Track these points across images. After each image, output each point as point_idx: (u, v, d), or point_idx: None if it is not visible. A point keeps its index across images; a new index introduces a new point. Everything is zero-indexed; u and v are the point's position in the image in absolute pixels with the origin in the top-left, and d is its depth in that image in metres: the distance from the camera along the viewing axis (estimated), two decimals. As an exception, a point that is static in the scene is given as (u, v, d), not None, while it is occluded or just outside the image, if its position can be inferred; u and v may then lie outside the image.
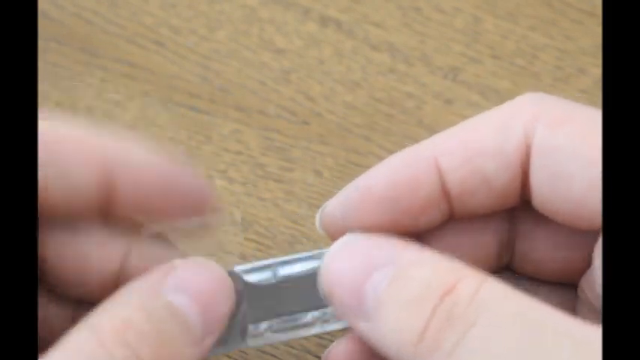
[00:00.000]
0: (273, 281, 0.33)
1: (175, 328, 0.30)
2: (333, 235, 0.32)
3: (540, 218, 0.32)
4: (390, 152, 0.42)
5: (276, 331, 0.33)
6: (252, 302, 0.32)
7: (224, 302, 0.31)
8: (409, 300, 0.28)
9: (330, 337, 0.38)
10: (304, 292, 0.32)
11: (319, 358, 0.38)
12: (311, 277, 0.32)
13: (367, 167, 0.42)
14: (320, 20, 0.46)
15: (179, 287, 0.30)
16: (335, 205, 0.32)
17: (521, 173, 0.31)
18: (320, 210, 0.33)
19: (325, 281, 0.31)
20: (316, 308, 0.32)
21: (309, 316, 0.33)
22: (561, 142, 0.30)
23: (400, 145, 0.43)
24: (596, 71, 0.44)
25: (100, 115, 0.43)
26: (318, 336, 0.38)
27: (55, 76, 0.44)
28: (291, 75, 0.44)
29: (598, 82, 0.44)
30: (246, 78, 0.44)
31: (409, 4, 0.46)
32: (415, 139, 0.43)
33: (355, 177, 0.42)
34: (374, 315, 0.29)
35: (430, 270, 0.29)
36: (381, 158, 0.42)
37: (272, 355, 0.38)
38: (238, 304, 0.32)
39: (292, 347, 0.38)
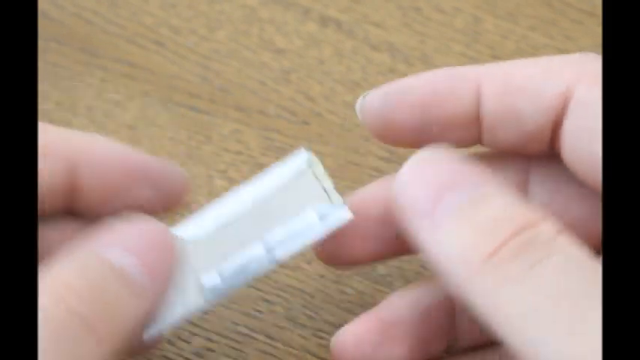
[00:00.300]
0: (212, 229, 0.32)
1: (112, 282, 0.30)
2: (370, 125, 0.33)
3: (556, 181, 0.32)
4: (390, 152, 0.42)
5: (228, 277, 0.32)
6: (198, 257, 0.32)
7: (164, 253, 0.31)
8: (486, 224, 0.28)
9: (329, 337, 0.38)
10: (245, 230, 0.32)
11: (319, 358, 0.38)
12: (247, 213, 0.32)
13: (367, 167, 0.42)
14: (320, 20, 0.46)
15: (114, 243, 0.30)
16: (375, 97, 0.33)
17: (555, 120, 0.31)
18: (361, 98, 0.33)
19: (400, 187, 0.30)
20: (261, 241, 0.32)
21: (257, 251, 0.32)
22: (598, 100, 0.30)
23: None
24: (596, 71, 0.44)
25: (100, 115, 0.43)
26: (318, 336, 0.38)
27: (55, 76, 0.44)
28: (291, 75, 0.44)
29: (598, 82, 0.44)
30: (246, 78, 0.44)
31: (409, 4, 0.46)
32: (415, 139, 0.43)
33: (355, 177, 0.42)
34: (443, 223, 0.29)
35: (508, 202, 0.29)
36: (381, 158, 0.43)
37: (272, 355, 0.38)
38: (187, 263, 0.32)
39: (292, 347, 0.38)
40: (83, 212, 0.32)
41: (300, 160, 0.33)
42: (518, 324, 0.27)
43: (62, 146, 0.32)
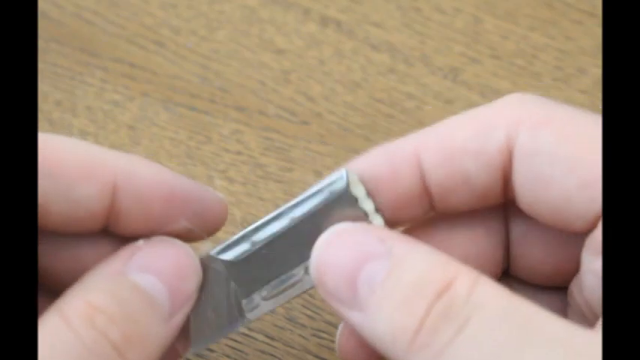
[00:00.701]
0: (251, 251, 0.32)
1: (142, 308, 0.30)
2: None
3: (531, 221, 0.32)
4: (390, 152, 0.42)
5: (269, 298, 0.32)
6: (239, 278, 0.32)
7: (190, 278, 0.31)
8: (405, 296, 0.28)
9: (330, 338, 0.38)
10: (284, 251, 0.32)
11: (319, 358, 0.38)
12: (286, 234, 0.32)
13: (367, 167, 0.42)
14: (320, 20, 0.46)
15: (143, 267, 0.30)
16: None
17: (503, 174, 0.31)
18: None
19: (316, 270, 0.30)
20: (301, 263, 0.32)
21: (297, 272, 0.32)
22: (541, 146, 0.30)
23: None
24: (596, 71, 0.44)
25: (100, 115, 0.43)
26: (318, 336, 0.38)
27: (55, 76, 0.44)
28: (291, 75, 0.44)
29: (598, 82, 0.44)
30: (246, 78, 0.44)
31: (409, 5, 0.46)
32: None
33: (355, 177, 0.42)
34: (368, 307, 0.29)
35: (426, 265, 0.29)
36: (381, 158, 0.43)
37: (272, 355, 0.38)
38: (227, 284, 0.32)
39: (292, 347, 0.38)
40: (121, 234, 0.32)
41: (340, 181, 0.32)
42: None
43: (105, 167, 0.31)
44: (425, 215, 0.32)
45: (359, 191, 0.32)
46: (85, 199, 0.31)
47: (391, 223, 0.32)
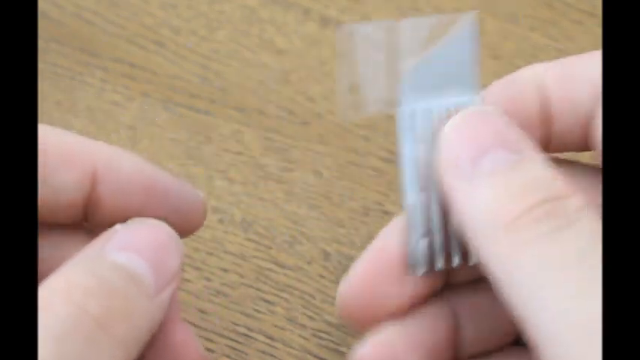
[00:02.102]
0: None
1: (123, 283, 0.29)
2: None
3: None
4: (390, 152, 0.42)
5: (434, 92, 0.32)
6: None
7: (172, 255, 0.31)
8: (523, 186, 0.29)
9: (330, 338, 0.38)
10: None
11: (319, 358, 0.38)
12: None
13: (367, 167, 0.42)
14: (320, 20, 0.46)
15: (122, 246, 0.30)
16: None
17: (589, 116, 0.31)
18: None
19: (451, 129, 0.30)
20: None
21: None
22: None
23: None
24: (597, 72, 0.44)
25: (100, 115, 0.43)
26: (318, 336, 0.38)
27: (55, 76, 0.44)
28: (291, 75, 0.44)
29: (598, 82, 0.44)
30: (246, 78, 0.44)
31: (409, 5, 0.46)
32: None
33: (355, 177, 0.42)
34: (480, 183, 0.29)
35: (552, 175, 0.29)
36: (381, 158, 0.42)
37: (272, 356, 0.38)
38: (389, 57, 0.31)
39: (292, 348, 0.38)
40: (99, 225, 0.32)
41: (467, 22, 0.32)
42: (527, 287, 0.27)
43: (86, 157, 0.31)
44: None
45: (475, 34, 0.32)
46: (64, 186, 0.31)
47: None
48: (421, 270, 0.31)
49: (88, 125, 0.43)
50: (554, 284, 0.27)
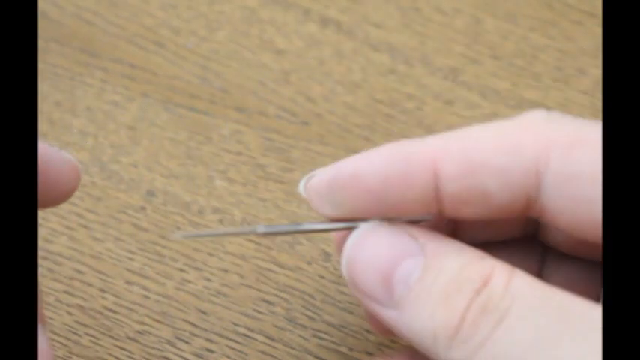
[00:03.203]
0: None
1: None
2: (316, 208, 0.32)
3: (566, 191, 0.31)
4: (390, 153, 0.42)
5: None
6: None
7: None
8: (444, 293, 0.28)
9: (330, 338, 0.38)
10: None
11: (319, 358, 0.38)
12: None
13: (367, 168, 0.42)
14: (320, 21, 0.46)
15: None
16: (321, 182, 0.31)
17: (526, 194, 0.30)
18: (306, 178, 0.32)
19: (349, 268, 0.30)
20: None
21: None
22: (579, 168, 0.29)
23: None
24: (596, 72, 0.44)
25: (100, 116, 0.43)
26: (318, 337, 0.38)
27: (55, 77, 0.44)
28: (291, 76, 0.44)
29: (598, 82, 0.44)
30: (246, 79, 0.44)
31: (409, 5, 0.46)
32: (415, 140, 0.43)
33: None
34: (405, 305, 0.29)
35: (462, 261, 0.29)
36: (381, 159, 0.42)
37: (272, 356, 0.38)
38: None
39: (292, 348, 0.38)
40: None
41: None
42: None
43: None
44: (427, 218, 0.32)
45: None
46: None
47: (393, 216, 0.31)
48: None
49: (88, 125, 0.43)
50: None
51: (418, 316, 0.29)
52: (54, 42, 0.45)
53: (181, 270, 0.40)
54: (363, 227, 0.31)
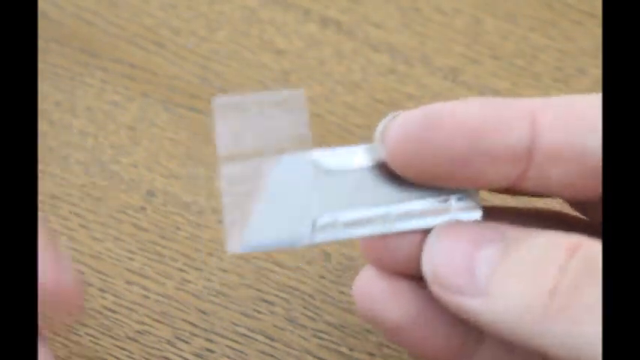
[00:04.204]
0: (351, 167, 0.30)
1: None
2: (399, 152, 0.28)
3: None
4: (390, 153, 0.42)
5: (341, 225, 0.30)
6: (323, 190, 0.29)
7: None
8: (531, 264, 0.27)
9: (330, 338, 0.38)
10: (378, 184, 0.30)
11: (319, 358, 0.38)
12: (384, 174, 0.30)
13: (367, 168, 0.42)
14: (320, 21, 0.46)
15: None
16: (412, 118, 0.28)
17: None
18: (385, 120, 0.29)
19: (428, 262, 0.29)
20: (386, 202, 0.30)
21: (378, 212, 0.30)
22: None
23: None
24: (596, 72, 0.44)
25: (100, 116, 0.43)
26: (319, 337, 0.38)
27: (55, 77, 0.44)
28: (291, 76, 0.44)
29: (598, 82, 0.44)
30: (246, 79, 0.44)
31: (409, 5, 0.46)
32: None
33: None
34: (489, 289, 0.27)
35: (546, 238, 0.27)
36: (381, 159, 0.42)
37: (272, 356, 0.38)
38: (308, 193, 0.29)
39: (292, 348, 0.38)
40: None
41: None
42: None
43: None
44: (501, 187, 0.30)
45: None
46: None
47: (467, 182, 0.29)
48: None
49: (88, 125, 0.43)
50: None
51: (505, 296, 0.27)
52: (54, 42, 0.45)
53: (181, 270, 0.40)
54: (441, 223, 0.29)
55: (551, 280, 0.26)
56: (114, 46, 0.45)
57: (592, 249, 0.26)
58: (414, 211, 0.30)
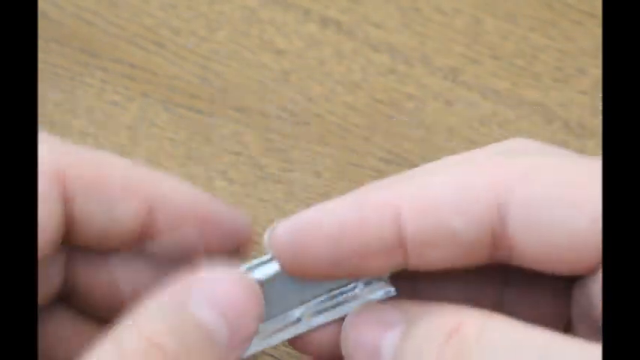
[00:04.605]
0: (278, 275, 0.32)
1: (200, 345, 0.29)
2: (281, 259, 0.31)
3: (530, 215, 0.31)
4: (390, 153, 0.42)
5: (265, 335, 0.33)
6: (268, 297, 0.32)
7: (252, 315, 0.30)
8: (417, 347, 0.28)
9: (330, 338, 0.38)
10: (287, 288, 0.32)
11: (319, 358, 0.38)
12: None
13: (367, 168, 0.42)
14: (320, 21, 0.46)
15: (207, 301, 0.30)
16: (283, 231, 0.31)
17: (491, 232, 0.30)
18: (269, 230, 0.32)
19: (344, 348, 0.31)
20: (300, 303, 0.33)
21: (295, 314, 0.33)
22: (539, 192, 0.29)
23: (400, 146, 0.43)
24: (596, 72, 0.44)
25: (100, 116, 0.43)
26: (318, 337, 0.38)
27: (55, 77, 0.44)
28: (291, 76, 0.44)
29: (598, 82, 0.44)
30: (246, 79, 0.44)
31: (409, 5, 0.46)
32: (415, 140, 0.43)
33: (355, 178, 0.42)
34: None
35: (435, 315, 0.29)
36: (380, 159, 0.42)
37: (272, 356, 0.38)
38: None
39: (293, 348, 0.38)
40: (152, 251, 0.32)
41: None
42: None
43: (144, 188, 0.32)
44: (393, 269, 0.31)
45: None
46: (123, 217, 0.31)
47: (354, 274, 0.32)
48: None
49: (88, 125, 0.43)
50: None
51: None
52: (54, 42, 0.45)
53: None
54: (356, 310, 0.31)
55: None
56: (114, 46, 0.45)
57: (468, 330, 0.28)
58: (327, 304, 0.33)
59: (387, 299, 0.32)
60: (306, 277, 0.31)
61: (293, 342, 0.33)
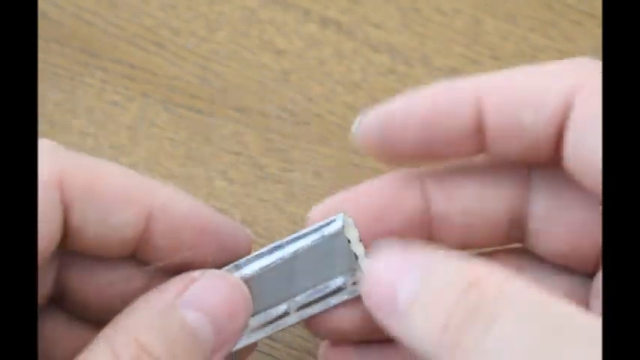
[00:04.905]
0: (265, 270, 0.33)
1: (187, 347, 0.30)
2: (370, 146, 0.33)
3: (557, 198, 0.32)
4: (390, 153, 0.42)
5: (253, 329, 0.33)
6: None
7: (240, 317, 0.31)
8: (434, 297, 0.28)
9: (330, 338, 0.38)
10: (274, 285, 0.33)
11: (319, 358, 0.38)
12: (278, 268, 0.33)
13: (367, 168, 0.42)
14: (320, 21, 0.46)
15: (195, 303, 0.31)
16: (374, 117, 0.33)
17: (557, 133, 0.31)
18: (359, 118, 0.33)
19: (365, 285, 0.31)
20: (290, 297, 0.33)
21: (281, 309, 0.33)
22: (595, 113, 0.30)
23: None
24: (596, 72, 0.44)
25: (100, 116, 0.43)
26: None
27: (56, 77, 0.44)
28: (291, 76, 0.44)
29: (598, 83, 0.44)
30: (246, 79, 0.44)
31: (409, 5, 0.46)
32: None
33: (355, 178, 0.42)
34: (406, 314, 0.29)
35: (455, 264, 0.29)
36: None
37: (272, 356, 0.38)
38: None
39: (293, 348, 0.38)
40: (147, 259, 0.33)
41: (337, 222, 0.33)
42: None
43: (143, 196, 0.32)
44: (472, 155, 0.33)
45: (352, 235, 0.33)
46: (120, 225, 0.31)
47: (440, 158, 0.33)
48: None
49: (88, 125, 0.43)
50: None
51: (415, 321, 0.29)
52: (54, 42, 0.45)
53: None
54: (376, 245, 0.31)
55: (444, 315, 0.28)
56: (114, 46, 0.45)
57: (489, 286, 0.28)
58: (314, 297, 0.33)
59: (409, 240, 0.32)
60: (390, 162, 0.33)
61: (308, 323, 0.34)
